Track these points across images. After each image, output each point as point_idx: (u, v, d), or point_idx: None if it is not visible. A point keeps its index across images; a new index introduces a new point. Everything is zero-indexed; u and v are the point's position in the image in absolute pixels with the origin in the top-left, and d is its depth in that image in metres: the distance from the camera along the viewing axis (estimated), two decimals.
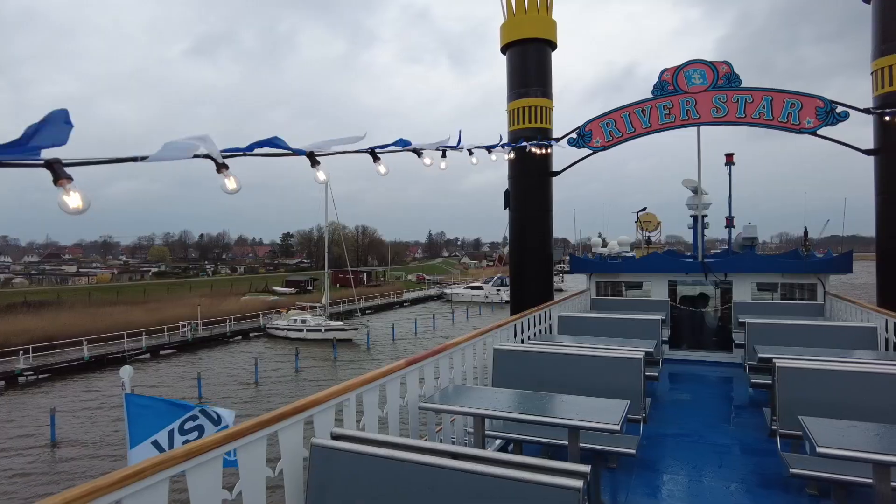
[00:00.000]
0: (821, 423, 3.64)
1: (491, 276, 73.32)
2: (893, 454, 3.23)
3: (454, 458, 2.66)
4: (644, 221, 18.15)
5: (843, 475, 3.87)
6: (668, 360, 10.10)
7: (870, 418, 4.04)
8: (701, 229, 12.11)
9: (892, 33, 10.58)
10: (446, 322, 50.88)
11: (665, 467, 5.29)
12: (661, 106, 11.62)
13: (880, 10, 10.92)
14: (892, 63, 10.52)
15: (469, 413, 4.28)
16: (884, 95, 10.63)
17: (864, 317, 8.28)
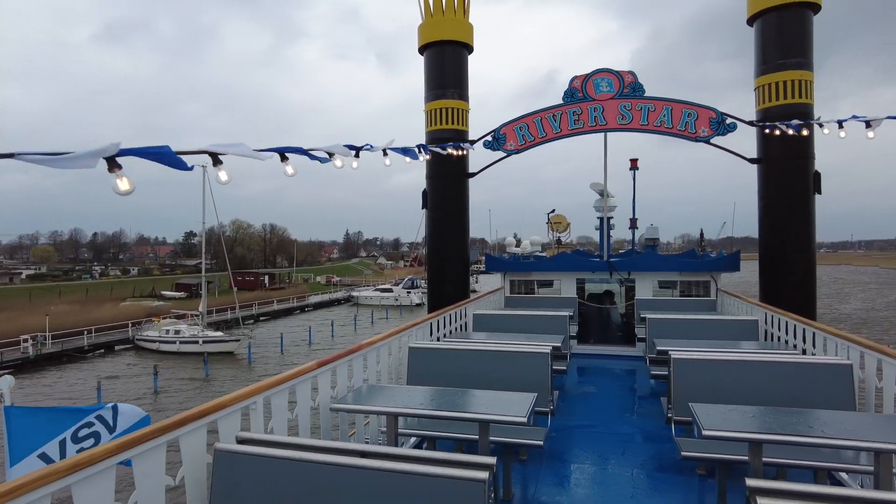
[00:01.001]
0: (707, 408, 3.97)
1: (412, 276, 72.36)
2: (764, 433, 3.61)
3: (364, 457, 2.71)
4: (554, 222, 19.15)
5: (725, 454, 4.28)
6: (575, 355, 10.71)
7: (750, 402, 4.51)
8: (607, 230, 12.98)
9: (771, 55, 11.96)
10: (348, 329, 47.79)
11: (572, 457, 5.58)
12: (570, 112, 12.29)
13: (760, 33, 12.29)
14: (770, 81, 11.88)
15: (381, 412, 4.35)
16: (765, 110, 11.97)
17: (749, 311, 9.26)
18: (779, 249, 11.94)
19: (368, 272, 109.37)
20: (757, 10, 12.24)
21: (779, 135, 10.06)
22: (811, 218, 11.83)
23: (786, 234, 11.90)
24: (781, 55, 11.77)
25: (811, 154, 11.76)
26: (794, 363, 5.14)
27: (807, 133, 10.12)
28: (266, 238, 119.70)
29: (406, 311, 56.51)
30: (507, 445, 4.63)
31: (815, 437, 3.53)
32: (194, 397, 26.61)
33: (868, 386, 5.09)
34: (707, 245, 18.48)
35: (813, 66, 11.77)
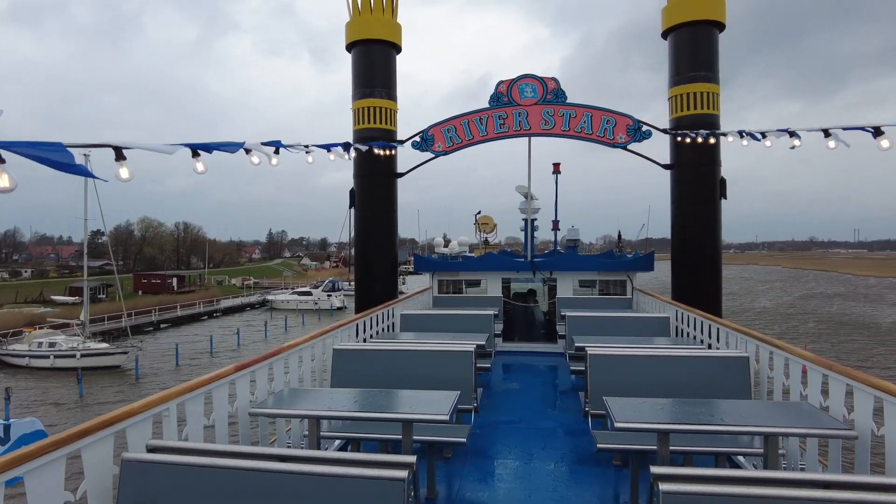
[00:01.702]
0: (620, 401, 4.23)
1: (333, 277, 70.10)
2: (670, 423, 3.91)
3: (283, 462, 2.71)
4: (482, 224, 19.65)
5: (637, 445, 4.54)
6: (501, 352, 11.05)
7: (660, 394, 4.77)
8: (530, 231, 13.48)
9: (683, 67, 12.92)
10: (257, 336, 44.03)
11: (496, 453, 5.75)
12: (496, 116, 12.67)
13: (673, 47, 13.24)
14: (682, 92, 12.83)
15: (302, 415, 4.35)
16: (677, 119, 12.90)
17: (661, 308, 9.92)
18: (689, 250, 12.90)
19: (288, 273, 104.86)
20: (670, 25, 13.17)
21: (689, 142, 10.90)
22: (718, 221, 12.86)
23: (695, 235, 12.87)
24: (692, 68, 12.74)
25: (718, 161, 12.78)
26: (700, 357, 5.57)
27: (713, 142, 11.01)
28: (179, 237, 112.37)
29: (326, 316, 52.78)
30: (431, 444, 4.72)
31: (714, 425, 3.84)
32: (56, 425, 20.49)
33: (762, 376, 5.59)
34: (625, 246, 19.62)
35: (719, 79, 12.82)
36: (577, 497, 4.81)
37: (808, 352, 4.92)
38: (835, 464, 4.26)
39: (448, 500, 4.76)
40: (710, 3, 12.71)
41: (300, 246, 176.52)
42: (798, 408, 4.38)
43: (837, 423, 3.91)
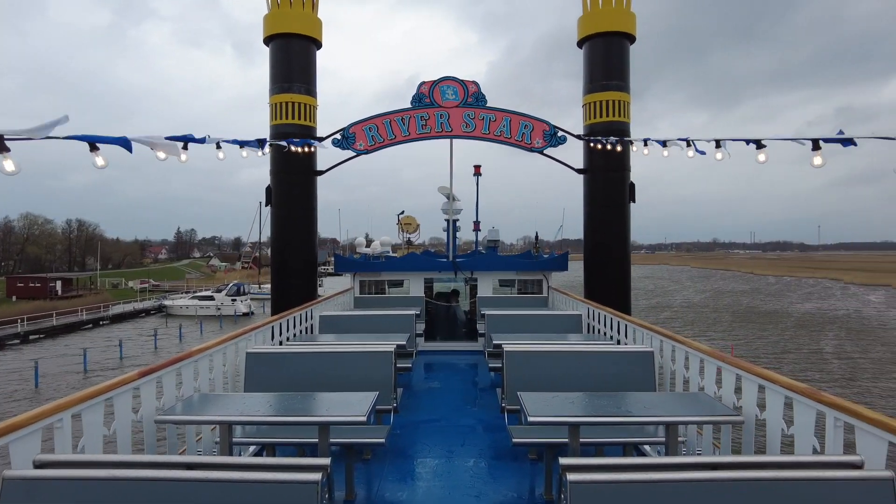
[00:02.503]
0: (533, 396, 4.39)
1: (238, 280, 64.53)
2: (580, 416, 4.11)
3: (189, 469, 2.64)
4: (405, 224, 19.77)
5: (550, 438, 4.75)
6: (423, 352, 11.22)
7: (573, 388, 5.00)
8: (452, 232, 13.78)
9: (596, 76, 13.68)
10: (147, 347, 38.97)
11: (416, 452, 5.85)
12: (418, 117, 12.86)
13: (588, 56, 13.98)
14: (595, 100, 13.58)
15: (213, 422, 4.23)
16: (590, 125, 13.63)
17: (574, 306, 10.47)
18: (600, 251, 13.68)
19: (193, 275, 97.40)
20: (585, 35, 13.89)
21: (601, 148, 11.59)
22: (627, 223, 13.72)
23: (606, 237, 13.66)
24: (605, 77, 13.51)
25: (627, 167, 13.62)
26: (609, 352, 5.92)
27: (621, 149, 11.77)
28: (71, 236, 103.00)
29: (229, 323, 47.18)
30: (349, 446, 4.72)
31: (621, 417, 4.13)
32: None
33: (665, 369, 6.05)
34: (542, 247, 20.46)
35: (630, 89, 13.69)
36: (494, 492, 4.97)
37: (704, 345, 5.35)
38: (726, 447, 4.73)
39: (367, 502, 4.79)
40: (621, 16, 13.51)
41: (212, 245, 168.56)
42: (696, 398, 4.76)
43: (728, 410, 4.31)
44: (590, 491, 2.61)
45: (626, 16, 13.52)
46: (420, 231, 19.97)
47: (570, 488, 2.60)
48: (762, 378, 4.16)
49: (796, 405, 3.76)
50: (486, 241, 16.47)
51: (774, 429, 3.99)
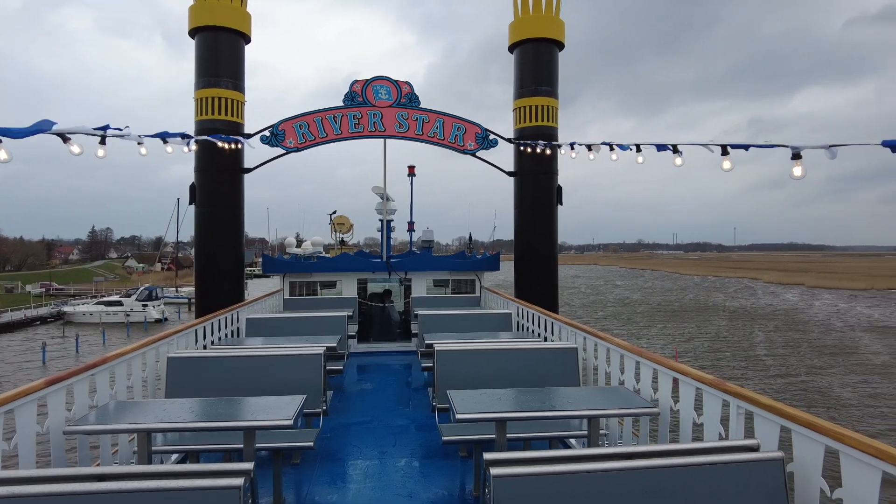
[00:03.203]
0: (461, 394, 4.53)
1: (146, 285, 58.89)
2: (506, 411, 4.26)
3: (101, 481, 2.57)
4: (337, 223, 19.59)
5: (479, 435, 4.91)
6: (355, 354, 11.26)
7: (502, 385, 5.16)
8: (387, 232, 13.85)
9: (526, 81, 14.10)
10: (34, 363, 33.34)
11: (347, 455, 5.89)
12: (351, 115, 12.82)
13: (518, 61, 14.39)
14: (525, 105, 14.00)
15: (129, 430, 4.10)
16: (520, 129, 14.04)
17: (505, 305, 10.80)
18: (529, 252, 14.12)
19: (101, 278, 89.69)
20: (516, 40, 14.29)
21: (530, 152, 12.00)
22: (554, 225, 14.22)
23: (535, 238, 14.12)
24: (534, 82, 13.95)
25: (555, 170, 14.11)
26: (537, 349, 6.17)
27: (549, 152, 12.23)
28: None
29: (138, 331, 43.46)
30: (276, 451, 4.70)
31: (545, 412, 4.32)
32: None
33: (588, 364, 6.35)
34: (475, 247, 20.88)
35: (558, 94, 14.20)
36: (425, 491, 5.07)
37: (623, 341, 5.63)
38: (644, 437, 5.06)
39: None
40: (551, 24, 13.99)
41: (131, 245, 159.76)
42: (616, 391, 5.06)
43: (645, 402, 4.61)
44: (512, 484, 2.72)
45: (555, 23, 14.02)
46: (354, 231, 19.86)
47: (493, 483, 2.69)
48: (675, 371, 4.46)
49: (705, 396, 4.05)
50: (420, 241, 16.66)
51: (686, 418, 4.29)
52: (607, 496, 2.85)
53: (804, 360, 28.65)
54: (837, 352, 30.66)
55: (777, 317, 46.93)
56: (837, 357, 29.32)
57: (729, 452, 3.07)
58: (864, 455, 2.73)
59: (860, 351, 31.00)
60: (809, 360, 28.69)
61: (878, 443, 2.72)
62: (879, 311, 48.41)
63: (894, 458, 2.57)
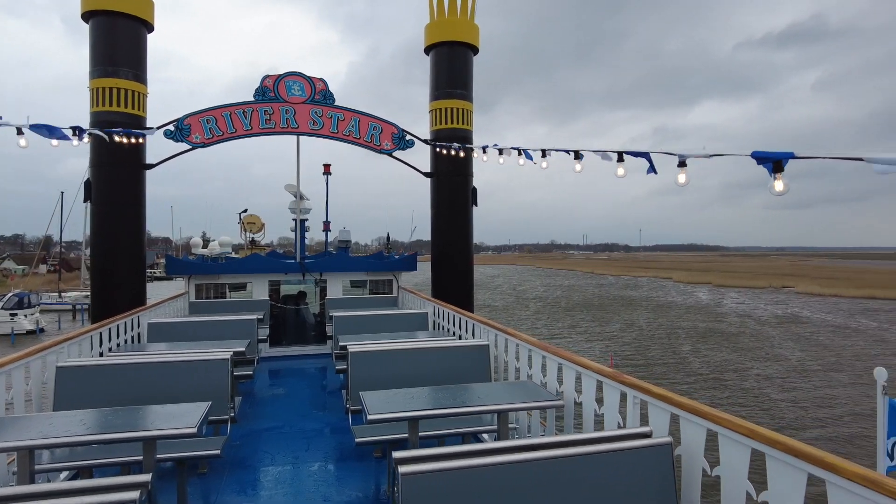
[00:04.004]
0: (374, 395, 4.64)
1: (16, 291, 50.42)
2: (418, 410, 4.38)
3: None
4: (248, 223, 19.04)
5: (392, 435, 5.03)
6: (267, 358, 11.10)
7: (417, 384, 5.29)
8: (300, 232, 13.70)
9: (441, 83, 14.44)
10: None
11: (257, 462, 5.83)
12: (262, 111, 12.58)
13: (434, 64, 14.70)
14: (440, 107, 14.34)
15: (6, 449, 3.79)
16: (436, 131, 14.36)
17: (422, 305, 11.02)
18: (445, 252, 14.46)
19: None
20: (431, 42, 14.61)
21: (445, 154, 12.32)
22: (470, 226, 14.66)
23: (451, 238, 14.48)
24: (449, 85, 14.32)
25: (470, 172, 14.56)
26: (451, 347, 6.34)
27: (463, 155, 12.60)
28: None
29: (4, 345, 36.62)
30: (180, 461, 4.60)
31: (456, 408, 4.48)
32: None
33: (499, 360, 6.65)
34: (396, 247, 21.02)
35: (472, 98, 14.64)
36: (339, 494, 5.12)
37: (532, 338, 5.97)
38: (551, 429, 5.39)
39: None
40: (465, 28, 14.41)
41: (12, 245, 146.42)
42: (524, 386, 5.32)
43: (551, 395, 4.91)
44: (420, 481, 2.80)
45: (469, 27, 14.44)
46: (266, 230, 19.41)
47: (402, 480, 2.76)
48: (578, 365, 4.80)
49: (605, 387, 4.40)
50: (336, 241, 16.57)
51: (589, 409, 4.64)
52: (515, 487, 2.99)
53: (723, 355, 30.85)
54: (751, 346, 33.10)
55: (695, 311, 50.46)
56: (750, 352, 31.69)
57: (625, 440, 3.36)
58: (736, 434, 3.10)
59: (774, 346, 33.66)
60: (726, 355, 30.91)
61: (748, 423, 3.09)
62: (781, 308, 52.92)
63: (761, 435, 2.94)
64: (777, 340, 35.02)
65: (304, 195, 13.85)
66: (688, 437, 3.48)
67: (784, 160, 4.47)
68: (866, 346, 33.11)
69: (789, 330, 38.66)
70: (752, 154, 4.72)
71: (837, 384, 24.34)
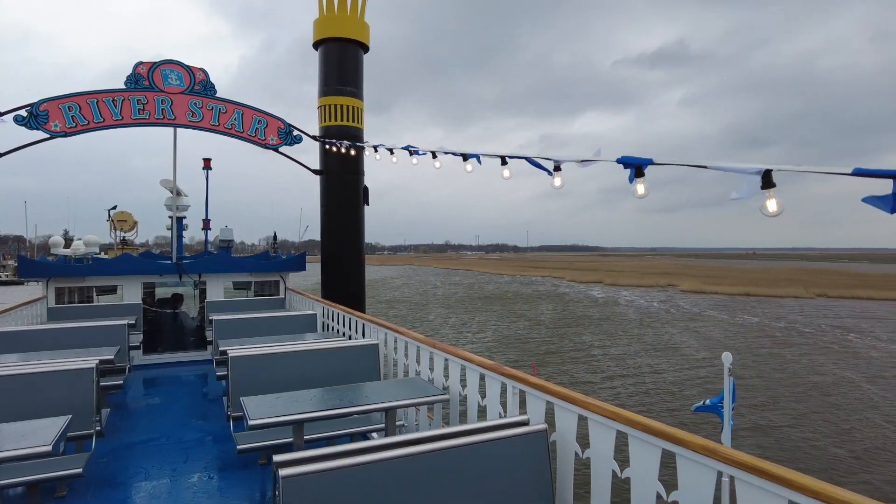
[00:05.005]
0: (256, 399, 4.61)
1: None
2: (303, 413, 4.40)
3: None
4: (118, 221, 17.79)
5: (276, 440, 5.03)
6: (142, 366, 10.57)
7: (305, 387, 5.27)
8: (177, 231, 13.10)
9: (331, 80, 14.39)
10: None
11: (128, 478, 5.54)
12: (134, 100, 11.88)
13: (323, 59, 14.61)
14: (330, 103, 14.28)
15: None
16: (325, 128, 14.28)
17: (311, 306, 10.96)
18: (336, 251, 14.44)
19: None
20: (321, 37, 14.51)
21: (335, 151, 12.32)
22: (361, 225, 14.73)
23: (341, 238, 14.47)
24: (339, 82, 14.30)
25: (361, 171, 14.62)
26: (341, 348, 6.43)
27: (354, 153, 12.67)
28: None
29: None
30: (33, 484, 4.33)
31: (342, 409, 4.56)
32: None
33: (389, 359, 6.79)
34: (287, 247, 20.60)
35: (363, 96, 14.72)
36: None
37: (420, 335, 6.15)
38: (437, 422, 5.60)
39: None
40: (355, 25, 14.44)
41: None
42: (413, 382, 5.51)
43: (437, 390, 5.15)
44: (302, 483, 2.80)
45: (359, 25, 14.51)
46: (140, 229, 18.27)
47: (283, 483, 2.75)
48: (463, 360, 5.05)
49: (487, 379, 4.66)
50: (218, 241, 15.99)
51: (473, 401, 4.88)
52: (402, 481, 3.09)
53: (620, 349, 32.93)
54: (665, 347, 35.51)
55: (595, 307, 53.49)
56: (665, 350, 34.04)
57: (505, 429, 3.61)
58: (602, 418, 3.42)
59: (683, 345, 36.26)
60: (629, 348, 33.04)
61: (613, 406, 3.42)
62: (667, 305, 57.24)
63: (624, 417, 3.28)
64: (678, 336, 37.86)
65: (182, 191, 13.26)
66: (561, 423, 3.78)
67: (644, 166, 5.03)
68: (754, 338, 36.36)
69: (688, 327, 41.63)
70: (618, 160, 5.26)
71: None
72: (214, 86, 12.50)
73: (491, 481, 3.41)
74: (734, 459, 2.60)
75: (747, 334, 37.62)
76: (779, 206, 3.15)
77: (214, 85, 12.49)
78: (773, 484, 2.41)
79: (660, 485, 3.09)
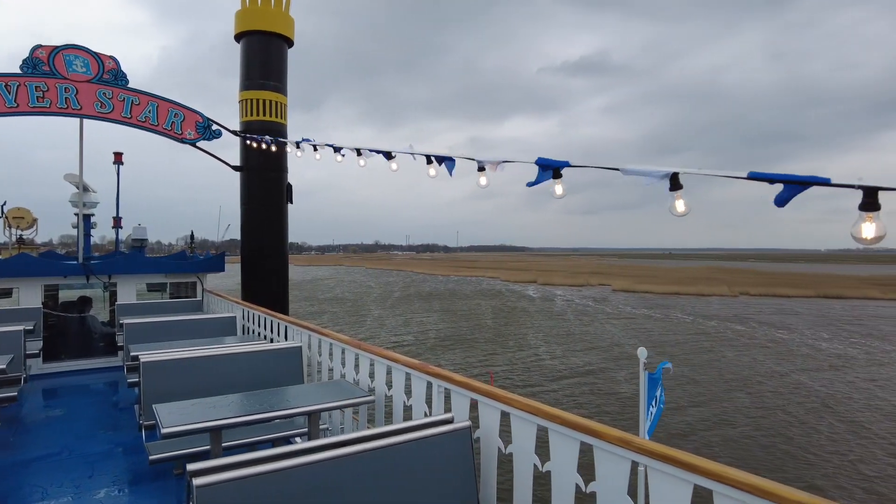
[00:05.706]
0: (170, 407, 4.47)
1: None
2: (220, 419, 4.30)
3: None
4: (14, 218, 16.58)
5: (192, 449, 4.91)
6: (41, 375, 9.98)
7: (223, 392, 5.16)
8: (83, 229, 12.41)
9: (253, 74, 14.05)
10: None
11: (22, 499, 5.26)
12: (32, 86, 11.11)
13: (245, 52, 14.24)
14: (252, 97, 13.93)
15: None
16: (246, 122, 13.93)
17: (230, 308, 10.68)
18: (257, 251, 14.11)
19: None
20: (243, 30, 14.13)
21: (257, 147, 12.03)
22: (284, 224, 14.45)
23: (263, 237, 14.16)
24: (262, 76, 13.98)
25: (284, 168, 14.35)
26: (261, 351, 6.33)
27: (276, 149, 12.41)
28: None
29: None
30: None
31: (263, 413, 4.49)
32: None
33: (313, 361, 6.77)
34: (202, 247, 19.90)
35: (287, 91, 14.44)
36: None
37: (346, 336, 6.15)
38: (362, 424, 5.60)
39: None
40: (278, 18, 14.16)
41: None
42: (338, 385, 5.50)
43: (363, 392, 5.15)
44: (218, 492, 2.73)
45: (283, 18, 14.23)
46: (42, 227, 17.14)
47: (197, 493, 2.69)
48: (389, 360, 5.09)
49: (413, 379, 4.72)
50: (130, 240, 15.33)
51: (398, 401, 4.95)
52: (325, 485, 3.06)
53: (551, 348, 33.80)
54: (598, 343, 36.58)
55: (534, 307, 54.70)
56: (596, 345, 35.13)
57: (430, 427, 3.66)
58: (523, 413, 3.55)
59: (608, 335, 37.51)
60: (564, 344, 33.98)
61: (533, 402, 3.54)
62: (602, 304, 59.21)
63: (543, 412, 3.40)
64: (613, 334, 39.20)
65: (90, 186, 12.58)
66: (485, 420, 3.89)
67: (561, 167, 5.21)
68: (689, 337, 38.12)
69: (628, 326, 43.19)
70: (536, 161, 5.42)
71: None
72: (126, 75, 11.90)
73: (416, 481, 3.46)
74: (646, 449, 2.78)
75: (687, 331, 39.58)
76: (686, 207, 3.39)
77: (126, 74, 11.90)
78: (680, 470, 2.60)
79: (578, 476, 3.25)
